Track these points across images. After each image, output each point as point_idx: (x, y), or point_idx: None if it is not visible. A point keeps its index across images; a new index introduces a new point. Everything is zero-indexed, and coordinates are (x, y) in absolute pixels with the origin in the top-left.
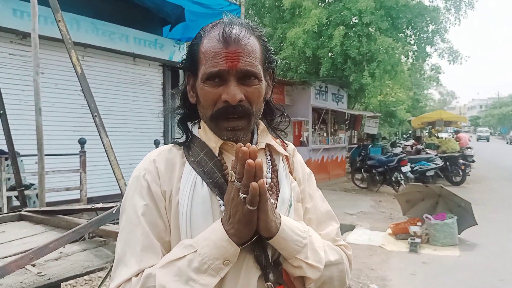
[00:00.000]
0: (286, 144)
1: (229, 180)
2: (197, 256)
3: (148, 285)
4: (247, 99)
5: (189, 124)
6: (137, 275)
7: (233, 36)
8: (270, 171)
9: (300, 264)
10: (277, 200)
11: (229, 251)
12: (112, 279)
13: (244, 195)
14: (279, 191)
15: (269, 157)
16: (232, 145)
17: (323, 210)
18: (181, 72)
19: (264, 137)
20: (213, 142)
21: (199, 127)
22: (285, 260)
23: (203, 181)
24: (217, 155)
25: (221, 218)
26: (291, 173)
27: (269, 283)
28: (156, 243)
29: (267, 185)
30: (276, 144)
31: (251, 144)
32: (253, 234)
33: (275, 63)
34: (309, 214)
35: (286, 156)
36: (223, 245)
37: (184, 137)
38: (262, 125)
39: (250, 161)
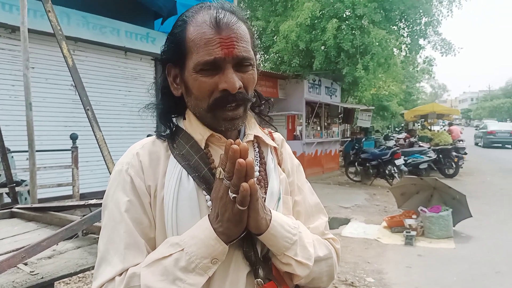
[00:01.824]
0: (273, 134)
1: (217, 177)
2: (184, 255)
3: (132, 285)
4: (244, 86)
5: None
6: (120, 274)
7: (225, 21)
8: (258, 164)
9: (289, 261)
10: (265, 194)
11: (218, 249)
12: (94, 278)
13: (234, 195)
14: (267, 185)
15: (257, 149)
16: (219, 137)
17: (312, 203)
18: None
19: (252, 128)
20: (199, 134)
21: (184, 118)
22: (273, 256)
23: (189, 175)
24: (203, 147)
25: (209, 215)
26: (279, 164)
27: (259, 279)
28: (141, 241)
29: (255, 179)
30: (264, 135)
31: (239, 136)
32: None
33: (258, 47)
34: (298, 207)
35: (274, 147)
36: (211, 244)
37: (168, 131)
38: (249, 115)
39: (241, 160)
